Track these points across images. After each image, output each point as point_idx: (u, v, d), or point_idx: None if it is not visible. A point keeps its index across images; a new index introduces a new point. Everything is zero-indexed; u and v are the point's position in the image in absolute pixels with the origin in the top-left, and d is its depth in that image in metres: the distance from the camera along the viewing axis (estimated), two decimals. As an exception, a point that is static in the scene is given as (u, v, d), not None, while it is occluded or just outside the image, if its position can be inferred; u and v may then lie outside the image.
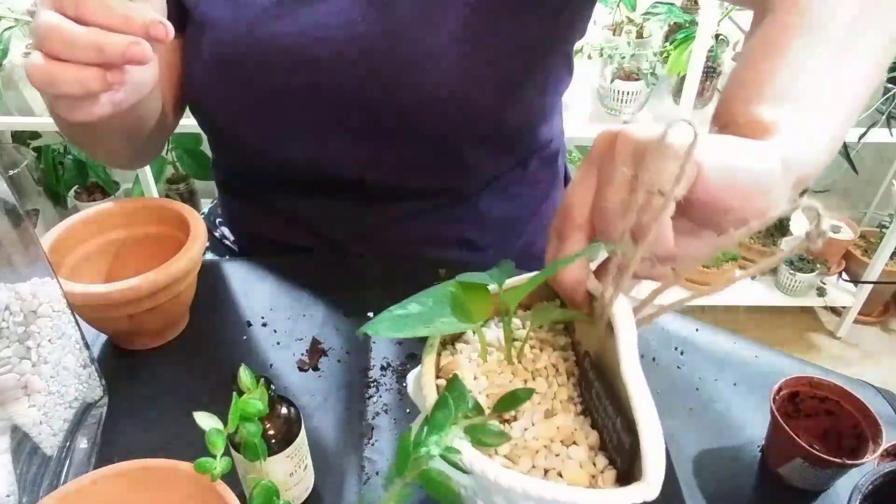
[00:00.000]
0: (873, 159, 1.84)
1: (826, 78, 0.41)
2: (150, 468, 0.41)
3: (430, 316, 0.39)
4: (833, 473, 0.49)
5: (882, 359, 1.85)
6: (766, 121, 0.38)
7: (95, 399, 0.53)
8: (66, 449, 0.48)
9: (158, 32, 0.43)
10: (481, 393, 0.41)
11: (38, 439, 0.45)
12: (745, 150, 0.36)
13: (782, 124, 0.38)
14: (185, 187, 1.85)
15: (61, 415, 0.47)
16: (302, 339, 0.63)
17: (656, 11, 1.57)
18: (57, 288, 0.48)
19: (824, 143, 0.40)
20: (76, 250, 0.61)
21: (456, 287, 0.40)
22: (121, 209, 0.63)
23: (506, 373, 0.42)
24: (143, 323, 0.58)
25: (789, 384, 0.53)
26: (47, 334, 0.46)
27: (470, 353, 0.43)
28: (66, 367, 0.48)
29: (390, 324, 0.39)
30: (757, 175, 0.34)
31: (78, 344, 0.50)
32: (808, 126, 0.39)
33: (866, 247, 1.87)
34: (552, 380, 0.42)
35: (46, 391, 0.46)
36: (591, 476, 0.37)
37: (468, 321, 0.40)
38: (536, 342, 0.44)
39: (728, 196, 0.34)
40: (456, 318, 0.39)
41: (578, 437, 0.38)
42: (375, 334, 0.38)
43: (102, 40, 0.42)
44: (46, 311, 0.46)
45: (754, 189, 0.34)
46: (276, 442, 0.43)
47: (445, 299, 0.40)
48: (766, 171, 0.35)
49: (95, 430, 0.52)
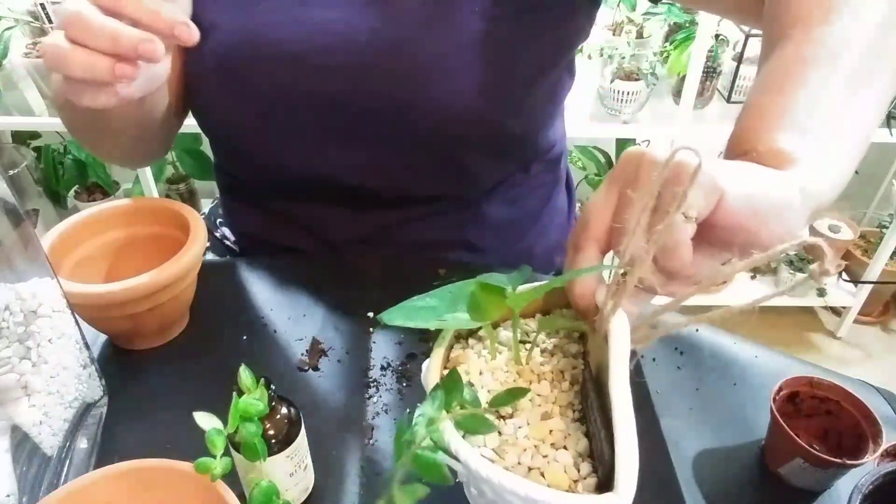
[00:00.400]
0: (873, 159, 1.84)
1: (841, 110, 0.42)
2: (151, 468, 0.42)
3: (443, 310, 0.41)
4: (833, 473, 0.49)
5: (882, 359, 1.85)
6: (787, 150, 0.40)
7: (95, 399, 0.53)
8: (66, 449, 0.48)
9: (182, 33, 0.46)
10: (483, 388, 0.42)
11: (38, 439, 0.45)
12: (766, 178, 0.37)
13: (801, 154, 0.39)
14: (185, 187, 1.85)
15: (61, 415, 0.47)
16: (302, 340, 0.63)
17: (656, 11, 1.57)
18: (57, 288, 0.48)
19: (840, 172, 0.41)
20: (76, 250, 0.61)
21: (475, 286, 0.42)
22: (121, 209, 0.63)
23: (511, 373, 0.43)
24: (143, 323, 0.58)
25: (789, 384, 0.53)
26: (47, 334, 0.46)
27: (480, 350, 0.45)
28: (66, 367, 0.48)
29: (404, 313, 0.41)
30: (778, 203, 0.36)
31: (78, 344, 0.50)
32: (825, 156, 0.41)
33: (866, 247, 1.87)
34: (556, 385, 0.43)
35: (46, 391, 0.45)
36: (573, 481, 0.37)
37: (481, 319, 0.41)
38: (549, 347, 0.46)
39: (749, 222, 0.35)
40: (469, 315, 0.41)
41: (569, 442, 0.39)
42: (391, 322, 0.40)
43: (119, 31, 0.44)
44: (46, 311, 0.46)
45: (774, 216, 0.36)
46: (277, 442, 0.43)
47: (463, 297, 0.42)
48: (786, 200, 0.37)
49: (95, 431, 0.52)
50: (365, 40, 0.61)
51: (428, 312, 0.41)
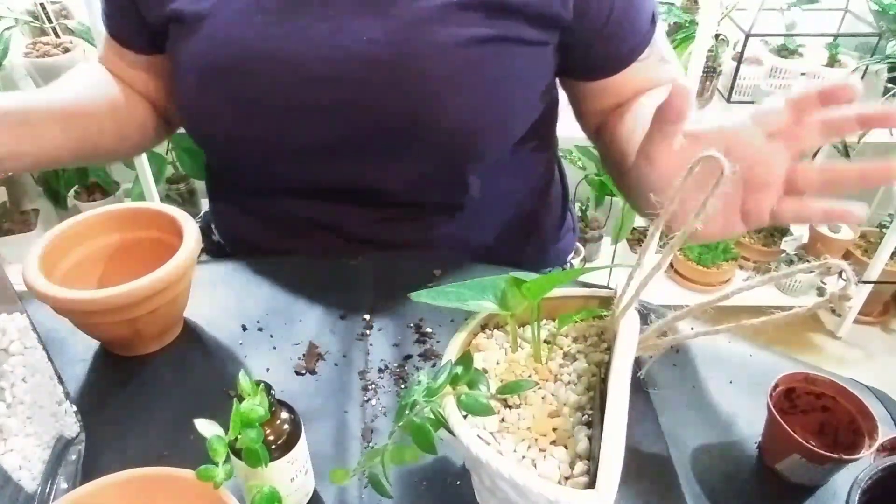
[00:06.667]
0: (873, 159, 1.84)
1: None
2: (152, 476, 0.41)
3: (470, 297, 0.44)
4: (830, 469, 0.50)
5: (882, 359, 1.85)
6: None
7: (72, 436, 0.50)
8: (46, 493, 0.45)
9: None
10: (497, 377, 0.44)
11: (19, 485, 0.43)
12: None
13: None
14: (185, 187, 1.85)
15: (40, 456, 0.45)
16: (298, 344, 0.63)
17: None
18: (27, 321, 0.46)
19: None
20: (69, 256, 0.60)
21: (505, 280, 0.44)
22: (113, 215, 0.63)
23: (528, 368, 0.45)
24: (141, 328, 0.58)
25: (785, 380, 0.53)
26: (20, 373, 0.44)
27: (503, 342, 0.47)
28: (42, 405, 0.46)
29: (432, 294, 0.44)
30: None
31: (52, 380, 0.48)
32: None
33: (866, 247, 1.87)
34: (571, 387, 0.44)
35: (24, 434, 0.44)
36: (565, 478, 0.38)
37: (506, 310, 0.44)
38: (573, 352, 0.47)
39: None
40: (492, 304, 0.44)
41: (570, 442, 0.40)
42: (417, 300, 0.44)
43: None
44: (18, 348, 0.44)
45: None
46: (277, 447, 0.43)
47: (491, 286, 0.44)
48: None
49: (75, 470, 0.49)
50: (363, 51, 0.61)
51: (453, 296, 0.44)
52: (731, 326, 0.41)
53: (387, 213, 0.73)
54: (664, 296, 1.81)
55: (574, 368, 0.45)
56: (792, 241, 1.93)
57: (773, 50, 1.64)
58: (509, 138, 0.69)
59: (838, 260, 0.34)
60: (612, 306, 0.47)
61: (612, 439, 0.35)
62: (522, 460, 0.39)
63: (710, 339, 0.64)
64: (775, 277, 0.40)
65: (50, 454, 0.47)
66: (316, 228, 0.75)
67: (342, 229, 0.74)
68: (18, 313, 0.45)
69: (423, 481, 0.50)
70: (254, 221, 0.77)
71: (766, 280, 0.39)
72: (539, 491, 0.35)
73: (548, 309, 0.48)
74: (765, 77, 1.61)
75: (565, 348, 0.47)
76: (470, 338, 0.47)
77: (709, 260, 1.80)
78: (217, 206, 0.83)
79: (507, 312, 0.44)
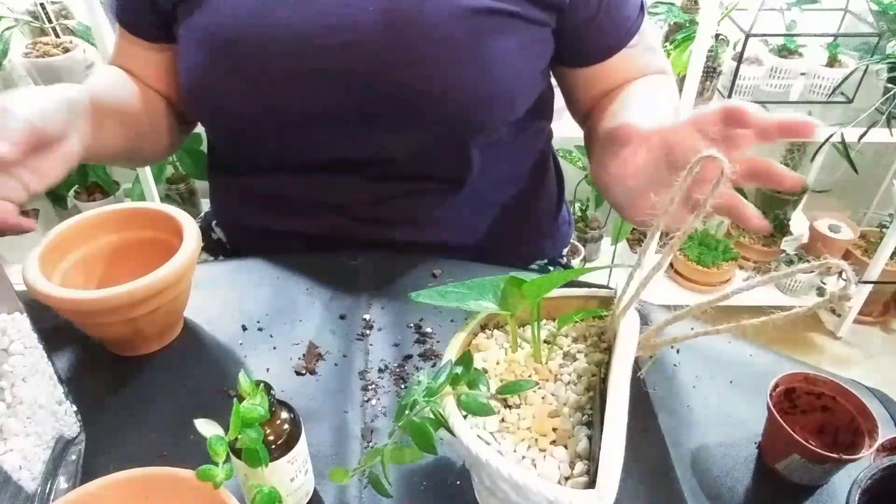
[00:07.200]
0: (873, 159, 1.84)
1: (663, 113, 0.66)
2: (153, 476, 0.41)
3: (471, 297, 0.44)
4: (830, 469, 0.50)
5: (882, 359, 1.85)
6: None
7: (72, 436, 0.51)
8: (46, 492, 0.45)
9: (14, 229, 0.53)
10: (497, 377, 0.44)
11: (19, 485, 0.43)
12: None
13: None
14: (185, 187, 1.85)
15: (40, 456, 0.46)
16: (298, 344, 0.63)
17: (656, 11, 1.57)
18: (27, 321, 0.46)
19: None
20: (69, 256, 0.60)
21: (505, 280, 0.44)
22: (112, 215, 0.63)
23: (528, 368, 0.45)
24: (142, 327, 0.58)
25: (785, 381, 0.53)
26: (21, 373, 0.44)
27: (503, 342, 0.47)
28: (42, 405, 0.46)
29: (432, 294, 0.45)
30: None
31: (52, 380, 0.48)
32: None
33: (866, 247, 1.87)
34: (571, 388, 0.44)
35: (24, 433, 0.44)
36: (565, 478, 0.38)
37: (506, 310, 0.44)
38: (573, 352, 0.47)
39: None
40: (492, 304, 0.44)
41: (570, 442, 0.40)
42: (417, 299, 0.45)
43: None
44: (18, 348, 0.44)
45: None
46: (277, 447, 0.43)
47: (492, 287, 0.45)
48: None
49: (75, 469, 0.50)
50: (368, 21, 0.61)
51: (453, 296, 0.44)
52: (731, 326, 0.41)
53: (390, 190, 0.73)
54: (664, 296, 1.82)
55: (574, 368, 0.45)
56: (792, 241, 1.93)
57: (773, 50, 1.64)
58: (511, 111, 0.69)
59: (838, 260, 0.34)
60: (612, 306, 0.47)
61: (612, 439, 0.35)
62: (522, 460, 0.39)
63: (710, 339, 0.64)
64: (775, 277, 0.40)
65: (50, 454, 0.47)
66: (319, 208, 0.75)
67: (345, 207, 0.74)
68: (18, 313, 0.45)
69: (423, 481, 0.51)
70: (256, 203, 0.78)
71: (766, 280, 0.39)
72: (539, 491, 0.35)
73: (548, 309, 0.48)
74: (765, 77, 1.61)
75: (565, 348, 0.47)
76: (470, 338, 0.47)
77: (709, 260, 1.80)
78: (218, 191, 0.83)
79: (507, 312, 0.44)
